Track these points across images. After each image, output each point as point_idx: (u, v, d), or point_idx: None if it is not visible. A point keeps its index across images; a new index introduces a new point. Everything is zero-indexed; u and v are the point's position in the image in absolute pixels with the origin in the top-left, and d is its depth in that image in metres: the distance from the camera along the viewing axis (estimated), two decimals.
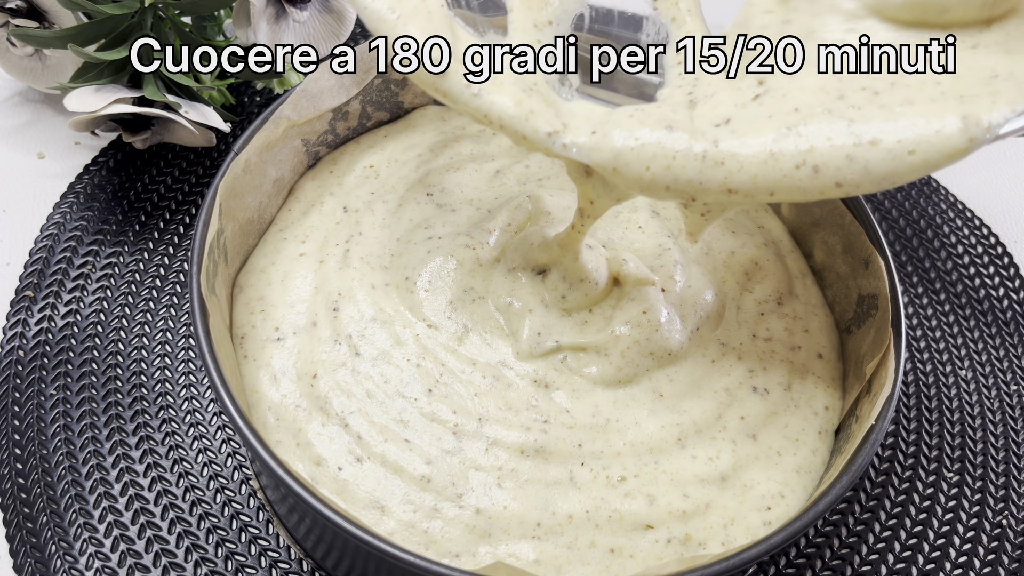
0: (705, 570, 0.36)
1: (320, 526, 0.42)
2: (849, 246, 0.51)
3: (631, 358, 0.46)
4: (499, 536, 0.41)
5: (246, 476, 0.50)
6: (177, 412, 0.52)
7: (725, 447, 0.45)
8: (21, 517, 0.47)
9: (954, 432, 0.55)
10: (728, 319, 0.49)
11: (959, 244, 0.64)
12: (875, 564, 0.50)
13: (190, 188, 0.62)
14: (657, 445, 0.44)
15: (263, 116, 0.50)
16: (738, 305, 0.50)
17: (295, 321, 0.47)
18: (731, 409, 0.46)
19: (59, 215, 0.59)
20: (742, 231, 0.54)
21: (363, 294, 0.48)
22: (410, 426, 0.44)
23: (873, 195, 0.67)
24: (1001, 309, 0.61)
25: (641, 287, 0.47)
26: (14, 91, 0.66)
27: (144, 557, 0.47)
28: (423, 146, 0.56)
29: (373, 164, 0.55)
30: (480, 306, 0.48)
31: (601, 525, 0.42)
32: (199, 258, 0.43)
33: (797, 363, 0.49)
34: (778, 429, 0.46)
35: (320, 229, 0.51)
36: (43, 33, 0.56)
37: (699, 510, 0.43)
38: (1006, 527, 0.52)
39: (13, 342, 0.53)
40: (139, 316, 0.55)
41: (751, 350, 0.48)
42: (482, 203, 0.53)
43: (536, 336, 0.47)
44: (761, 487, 0.44)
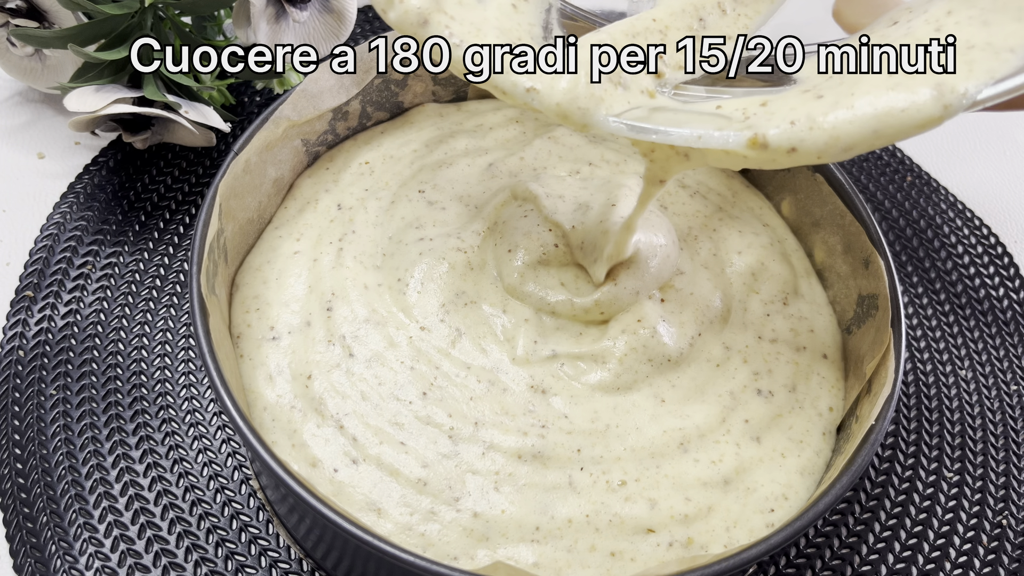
0: (705, 570, 0.36)
1: (320, 526, 0.42)
2: (849, 246, 0.51)
3: (629, 365, 0.46)
4: (497, 539, 0.41)
5: (246, 476, 0.50)
6: (177, 412, 0.52)
7: (728, 450, 0.44)
8: (21, 517, 0.47)
9: (954, 432, 0.55)
10: (734, 321, 0.49)
11: (959, 244, 0.64)
12: (875, 564, 0.50)
13: (190, 188, 0.62)
14: (659, 450, 0.44)
15: (263, 116, 0.50)
16: (744, 307, 0.50)
17: (290, 320, 0.47)
18: (735, 413, 0.46)
19: (59, 215, 0.59)
20: (748, 231, 0.54)
21: (356, 294, 0.48)
22: (405, 429, 0.44)
23: (873, 195, 0.67)
24: (1001, 309, 0.61)
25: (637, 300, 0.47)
26: (14, 91, 0.66)
27: (144, 557, 0.47)
28: (419, 142, 0.56)
29: (368, 160, 0.55)
30: (473, 310, 0.47)
31: (601, 529, 0.42)
32: (199, 258, 0.43)
33: (802, 364, 0.48)
34: (782, 431, 0.46)
35: (314, 227, 0.51)
36: (43, 33, 0.56)
37: (701, 513, 0.43)
38: (1006, 527, 0.52)
39: (13, 342, 0.53)
40: (139, 316, 0.55)
41: (756, 352, 0.48)
42: (471, 199, 0.53)
43: (532, 344, 0.46)
44: (764, 489, 0.44)
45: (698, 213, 0.54)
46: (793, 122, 0.33)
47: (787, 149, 0.33)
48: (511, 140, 0.57)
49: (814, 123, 0.33)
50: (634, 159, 0.56)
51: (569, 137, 0.57)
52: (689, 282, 0.49)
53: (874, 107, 0.32)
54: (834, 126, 0.32)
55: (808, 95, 0.34)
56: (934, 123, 0.31)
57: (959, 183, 0.69)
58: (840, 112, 0.32)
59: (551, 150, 0.56)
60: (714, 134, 0.35)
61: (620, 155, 0.56)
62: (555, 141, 0.56)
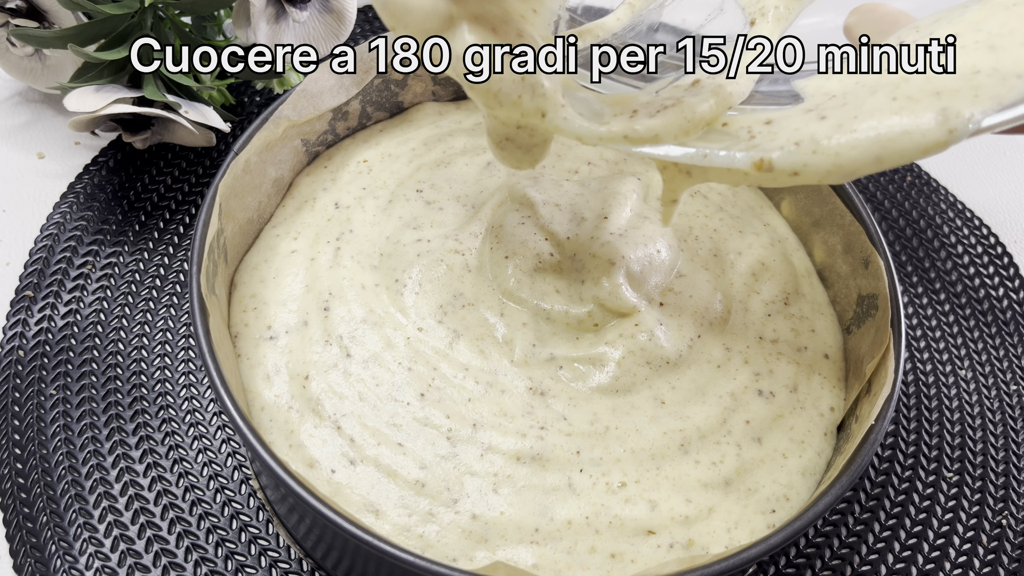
0: (704, 570, 0.36)
1: (320, 526, 0.42)
2: (849, 246, 0.51)
3: (628, 368, 0.46)
4: (496, 541, 0.41)
5: (246, 476, 0.50)
6: (177, 412, 0.52)
7: (729, 451, 0.44)
8: (21, 517, 0.47)
9: (954, 432, 0.55)
10: (734, 322, 0.49)
11: (959, 244, 0.64)
12: (875, 564, 0.50)
13: (190, 188, 0.62)
14: (659, 451, 0.44)
15: (263, 116, 0.50)
16: (745, 307, 0.50)
17: (287, 320, 0.47)
18: (736, 414, 0.46)
19: (59, 215, 0.59)
20: (749, 231, 0.53)
21: (353, 294, 0.48)
22: (403, 430, 0.43)
23: (873, 195, 0.67)
24: (1001, 309, 0.61)
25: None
26: (14, 91, 0.66)
27: (144, 557, 0.47)
28: (417, 140, 0.56)
29: (367, 159, 0.55)
30: (471, 312, 0.47)
31: (601, 531, 0.42)
32: (199, 258, 0.43)
33: (803, 364, 0.48)
34: (784, 432, 0.46)
35: (312, 225, 0.51)
36: (43, 33, 0.56)
37: (702, 514, 0.42)
38: (1006, 527, 0.52)
39: (13, 342, 0.53)
40: (139, 316, 0.55)
41: (757, 353, 0.48)
42: (468, 199, 0.52)
43: (531, 347, 0.46)
44: (766, 490, 0.44)
45: (699, 212, 0.54)
46: (797, 143, 0.33)
47: (790, 172, 0.33)
48: None
49: (818, 146, 0.32)
50: (633, 157, 0.56)
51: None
52: (689, 284, 0.49)
53: (877, 131, 0.31)
54: (837, 152, 0.32)
55: (811, 115, 0.34)
56: (939, 148, 0.31)
57: (959, 183, 0.69)
58: (843, 136, 0.32)
59: (551, 148, 0.56)
60: (719, 154, 0.35)
61: (619, 154, 0.56)
62: (555, 140, 0.56)
